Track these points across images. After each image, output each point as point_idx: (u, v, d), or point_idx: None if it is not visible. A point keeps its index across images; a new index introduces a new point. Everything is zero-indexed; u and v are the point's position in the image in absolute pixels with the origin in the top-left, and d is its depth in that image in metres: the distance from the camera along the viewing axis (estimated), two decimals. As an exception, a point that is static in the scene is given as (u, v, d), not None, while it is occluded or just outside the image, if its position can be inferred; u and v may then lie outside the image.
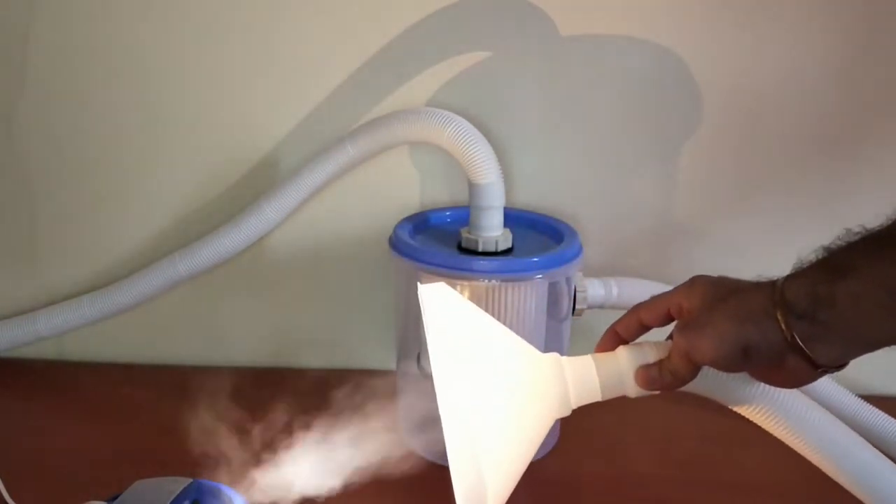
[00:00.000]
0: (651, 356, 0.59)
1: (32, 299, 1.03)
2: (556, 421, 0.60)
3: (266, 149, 0.98)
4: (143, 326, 1.05)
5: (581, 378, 0.59)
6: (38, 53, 0.95)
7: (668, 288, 0.59)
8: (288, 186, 0.93)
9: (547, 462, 0.85)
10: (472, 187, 0.83)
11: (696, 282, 0.59)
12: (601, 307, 0.90)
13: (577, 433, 0.85)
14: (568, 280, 0.85)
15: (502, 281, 0.79)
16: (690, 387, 0.59)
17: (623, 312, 0.63)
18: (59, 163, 0.99)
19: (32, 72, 0.95)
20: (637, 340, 0.62)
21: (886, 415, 0.87)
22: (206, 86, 0.96)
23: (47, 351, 1.05)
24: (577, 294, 0.87)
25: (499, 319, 0.63)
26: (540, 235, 0.90)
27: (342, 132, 0.93)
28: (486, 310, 0.66)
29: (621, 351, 0.60)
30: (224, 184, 0.99)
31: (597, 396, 0.59)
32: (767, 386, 0.59)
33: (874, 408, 0.87)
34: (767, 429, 0.61)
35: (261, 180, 0.98)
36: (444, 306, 0.60)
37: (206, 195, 1.00)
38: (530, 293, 0.81)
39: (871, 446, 0.63)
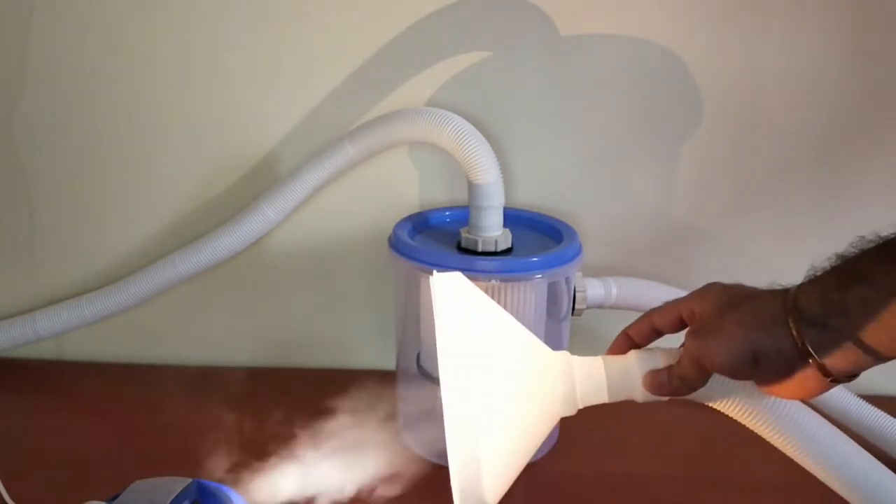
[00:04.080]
0: (661, 361, 0.59)
1: (32, 299, 1.03)
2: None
3: (266, 149, 0.98)
4: (143, 326, 1.05)
5: (589, 378, 0.59)
6: (39, 53, 0.95)
7: (667, 288, 0.59)
8: (288, 186, 0.93)
9: (547, 462, 0.85)
10: (472, 187, 0.83)
11: (710, 288, 0.59)
12: (600, 307, 0.90)
13: (577, 433, 0.85)
14: (567, 280, 0.85)
15: (502, 281, 0.79)
16: (697, 395, 0.59)
17: (622, 312, 0.63)
18: (59, 163, 0.99)
19: (32, 72, 0.95)
20: (650, 346, 0.62)
21: (887, 415, 0.87)
22: (206, 85, 0.95)
23: (47, 351, 1.05)
24: (577, 294, 0.87)
25: (499, 319, 0.63)
26: (540, 235, 0.89)
27: (342, 132, 0.92)
28: (486, 309, 0.65)
29: (632, 354, 0.60)
30: (224, 184, 0.99)
31: (603, 398, 0.59)
32: (776, 398, 0.58)
33: (874, 408, 0.87)
34: (774, 443, 0.61)
35: (261, 180, 0.98)
36: (455, 296, 0.59)
37: (206, 195, 1.00)
38: (530, 293, 0.81)
39: (881, 465, 0.62)
